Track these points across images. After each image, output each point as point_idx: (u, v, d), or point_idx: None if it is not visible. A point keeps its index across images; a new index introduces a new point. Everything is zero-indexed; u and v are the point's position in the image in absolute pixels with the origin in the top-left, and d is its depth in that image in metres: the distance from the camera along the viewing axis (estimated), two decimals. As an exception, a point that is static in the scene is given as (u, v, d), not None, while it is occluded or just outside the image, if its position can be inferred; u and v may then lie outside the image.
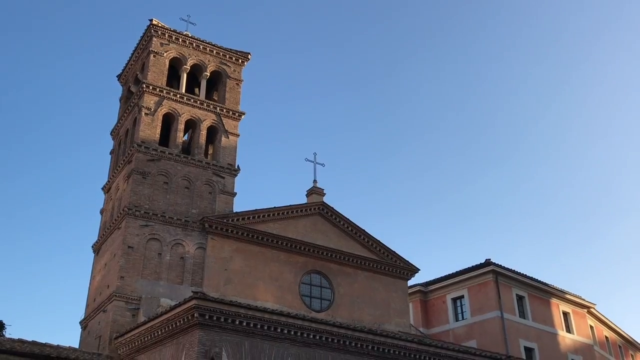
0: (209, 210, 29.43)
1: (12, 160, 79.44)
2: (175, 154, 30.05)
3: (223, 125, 32.32)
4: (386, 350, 23.62)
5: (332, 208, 32.57)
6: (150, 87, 30.86)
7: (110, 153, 34.50)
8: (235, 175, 31.23)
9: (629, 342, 51.07)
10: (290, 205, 31.30)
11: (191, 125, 32.33)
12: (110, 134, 35.05)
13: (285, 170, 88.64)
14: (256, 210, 29.89)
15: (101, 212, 32.57)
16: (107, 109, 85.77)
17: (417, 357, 24.40)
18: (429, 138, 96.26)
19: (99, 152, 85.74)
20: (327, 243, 31.61)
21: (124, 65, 35.51)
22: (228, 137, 32.20)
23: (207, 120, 32.07)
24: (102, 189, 33.20)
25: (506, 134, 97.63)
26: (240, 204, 30.84)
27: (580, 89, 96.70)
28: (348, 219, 32.80)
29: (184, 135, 32.08)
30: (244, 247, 29.13)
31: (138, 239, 27.16)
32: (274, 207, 30.54)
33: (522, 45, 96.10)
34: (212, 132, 32.44)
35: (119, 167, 31.20)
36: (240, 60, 34.72)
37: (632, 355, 51.41)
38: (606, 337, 46.17)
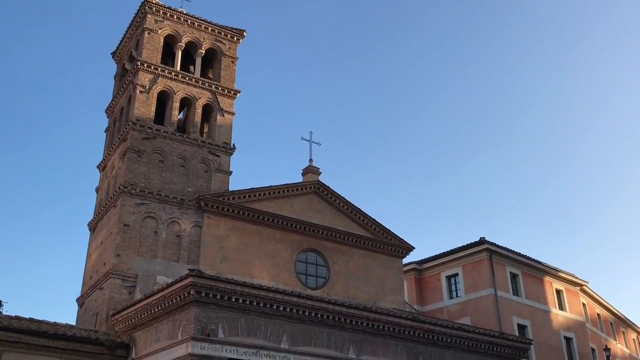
0: (204, 188, 29.44)
1: (8, 137, 79.08)
2: (171, 132, 29.95)
3: (218, 103, 32.19)
4: (381, 327, 23.88)
5: (328, 187, 32.63)
6: (145, 65, 30.62)
7: (106, 131, 34.36)
8: (231, 154, 31.20)
9: (620, 319, 51.72)
10: (286, 184, 31.33)
11: (186, 104, 32.18)
12: (105, 111, 34.87)
13: (281, 149, 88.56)
14: (252, 189, 29.93)
15: (97, 190, 32.56)
16: (102, 86, 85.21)
17: (412, 333, 24.68)
18: (425, 118, 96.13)
19: (94, 130, 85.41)
20: (323, 221, 31.72)
21: (119, 42, 35.19)
22: (223, 116, 32.08)
23: (203, 98, 31.91)
24: (98, 167, 33.13)
25: (502, 114, 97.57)
26: (235, 183, 30.92)
27: (579, 68, 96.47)
28: (343, 198, 32.88)
29: (179, 114, 31.93)
30: (239, 226, 29.21)
31: (134, 217, 27.20)
32: (270, 186, 30.57)
33: (522, 23, 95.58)
34: (208, 111, 32.31)
35: (114, 145, 31.10)
36: (235, 38, 34.44)
37: (623, 332, 52.10)
38: (598, 315, 46.73)
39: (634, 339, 55.22)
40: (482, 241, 36.71)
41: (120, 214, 27.05)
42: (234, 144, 31.47)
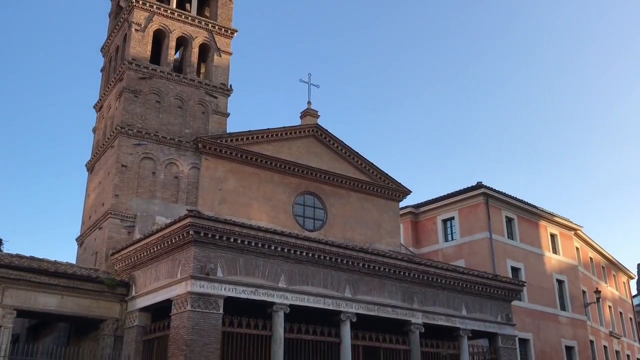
0: (202, 130, 29.24)
1: (4, 78, 78.00)
2: (167, 72, 29.48)
3: (215, 42, 31.55)
4: (377, 268, 24.24)
5: (326, 130, 32.45)
6: (140, 2, 29.81)
7: (101, 70, 33.81)
8: (228, 96, 30.83)
9: (612, 263, 52.69)
10: (284, 127, 31.13)
11: (182, 43, 31.54)
12: (101, 50, 34.21)
13: (279, 91, 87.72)
14: (250, 131, 29.75)
15: (94, 130, 32.34)
16: (98, 24, 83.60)
17: (407, 274, 25.08)
18: (423, 63, 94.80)
19: (90, 69, 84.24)
20: (321, 165, 31.72)
21: (112, -22, 34.15)
22: (220, 56, 31.51)
23: (199, 37, 31.26)
24: (94, 107, 32.78)
25: (501, 58, 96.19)
26: (233, 125, 30.68)
27: (579, 15, 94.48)
28: (341, 141, 32.76)
29: (175, 53, 31.36)
30: (237, 168, 29.20)
31: (132, 158, 27.11)
32: (268, 129, 30.38)
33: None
34: (204, 50, 31.70)
35: (110, 84, 30.66)
36: (232, -25, 33.38)
37: (614, 276, 53.18)
38: (590, 258, 47.54)
39: (624, 282, 56.45)
40: (479, 185, 36.88)
41: (118, 154, 26.95)
42: (231, 85, 31.07)
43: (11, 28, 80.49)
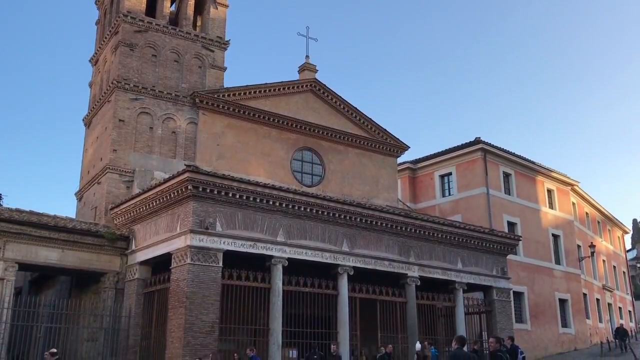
0: (199, 85, 29.00)
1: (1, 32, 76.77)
2: (163, 25, 29.03)
3: (211, -6, 30.96)
4: (374, 223, 24.47)
5: (324, 85, 32.21)
6: (134, -48, 29.08)
7: (96, 23, 33.28)
8: (225, 49, 30.46)
9: (607, 218, 53.23)
10: (281, 82, 30.88)
11: (178, -5, 30.97)
12: (95, 2, 33.59)
13: (277, 45, 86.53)
14: (247, 86, 29.51)
15: (90, 85, 32.07)
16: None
17: (403, 229, 25.34)
18: (422, 16, 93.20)
19: (86, 22, 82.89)
20: (319, 120, 31.61)
21: None
22: (217, 8, 30.98)
23: (195, -11, 30.66)
24: (90, 61, 32.41)
25: (501, 14, 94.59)
26: (230, 80, 30.53)
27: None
28: (340, 97, 32.56)
29: (170, 6, 30.81)
30: (235, 123, 29.10)
31: (129, 113, 26.97)
32: (266, 84, 30.14)
33: None
34: (200, 3, 31.16)
35: (106, 38, 30.23)
36: None
37: (609, 230, 53.82)
38: (586, 213, 47.98)
39: (618, 237, 57.19)
40: (477, 141, 36.85)
41: (115, 109, 26.80)
42: (228, 39, 30.64)
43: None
